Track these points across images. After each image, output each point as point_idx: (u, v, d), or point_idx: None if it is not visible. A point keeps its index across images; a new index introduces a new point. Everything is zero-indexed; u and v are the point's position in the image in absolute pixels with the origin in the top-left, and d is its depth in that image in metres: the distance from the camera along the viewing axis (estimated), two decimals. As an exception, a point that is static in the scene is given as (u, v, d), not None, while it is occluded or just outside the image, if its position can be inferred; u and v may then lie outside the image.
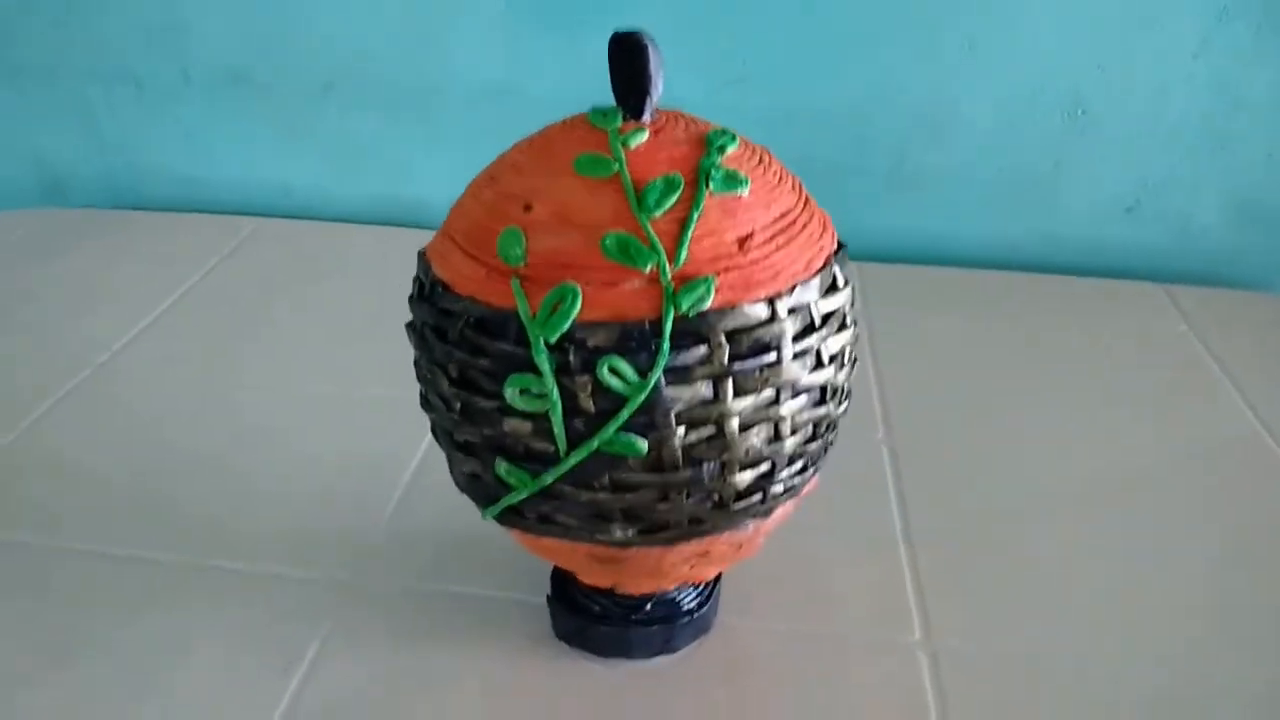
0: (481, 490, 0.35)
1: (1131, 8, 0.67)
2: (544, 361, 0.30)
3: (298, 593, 0.45)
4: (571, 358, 0.30)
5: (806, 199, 0.34)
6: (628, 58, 0.32)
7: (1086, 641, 0.44)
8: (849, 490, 0.50)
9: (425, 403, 0.36)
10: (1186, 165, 0.72)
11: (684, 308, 0.30)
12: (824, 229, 0.34)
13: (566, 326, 0.30)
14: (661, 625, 0.41)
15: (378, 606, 0.44)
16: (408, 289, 0.35)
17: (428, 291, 0.34)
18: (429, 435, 0.39)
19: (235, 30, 0.74)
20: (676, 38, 0.41)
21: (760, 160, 0.33)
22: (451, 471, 0.37)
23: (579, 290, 0.30)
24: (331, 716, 0.39)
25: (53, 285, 0.70)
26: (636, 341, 0.30)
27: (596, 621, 0.41)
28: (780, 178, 0.34)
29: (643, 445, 0.31)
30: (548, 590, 0.42)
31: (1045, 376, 0.63)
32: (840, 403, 0.35)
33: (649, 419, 0.31)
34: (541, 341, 0.30)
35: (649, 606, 0.41)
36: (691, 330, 0.30)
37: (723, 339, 0.30)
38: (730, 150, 0.32)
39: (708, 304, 0.30)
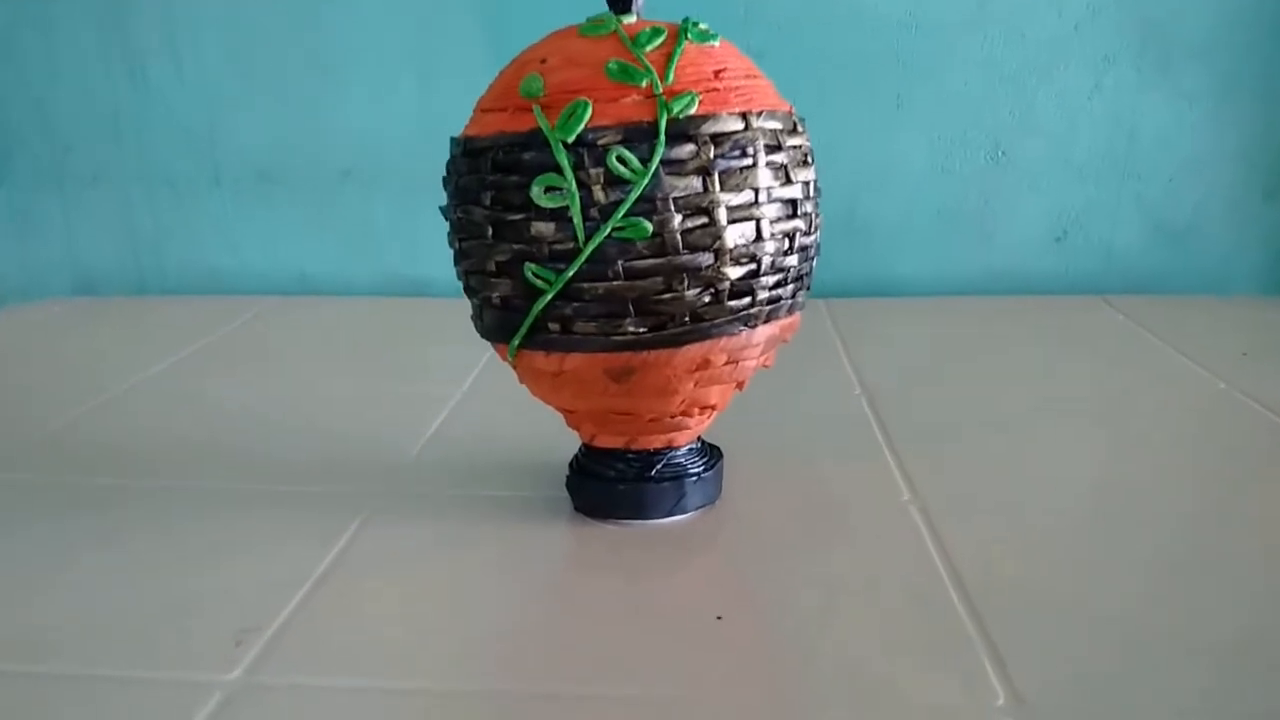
0: (510, 319, 0.41)
1: (1031, 59, 0.80)
2: (563, 158, 0.37)
3: (340, 498, 0.49)
4: (585, 156, 0.37)
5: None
6: (615, -32, 0.41)
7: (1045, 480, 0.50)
8: (836, 424, 0.58)
9: (460, 255, 0.42)
10: (1101, 196, 0.82)
11: (674, 111, 0.37)
12: (782, 99, 0.42)
13: (580, 128, 0.37)
14: (673, 483, 0.45)
15: (411, 503, 0.48)
16: (408, 342, 0.43)
17: (458, 152, 0.41)
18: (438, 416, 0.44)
19: (262, 131, 0.85)
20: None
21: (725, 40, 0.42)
22: (481, 320, 0.43)
23: (589, 102, 0.37)
24: (364, 574, 0.42)
25: (78, 350, 0.76)
26: (638, 138, 0.37)
27: (614, 484, 0.45)
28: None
29: (648, 226, 0.37)
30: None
31: (1005, 352, 0.70)
32: (809, 231, 0.42)
33: (652, 204, 0.37)
34: (560, 144, 0.37)
35: (661, 465, 0.45)
36: (682, 132, 0.38)
37: (707, 139, 0.38)
38: (701, 25, 0.41)
39: (693, 110, 0.38)
